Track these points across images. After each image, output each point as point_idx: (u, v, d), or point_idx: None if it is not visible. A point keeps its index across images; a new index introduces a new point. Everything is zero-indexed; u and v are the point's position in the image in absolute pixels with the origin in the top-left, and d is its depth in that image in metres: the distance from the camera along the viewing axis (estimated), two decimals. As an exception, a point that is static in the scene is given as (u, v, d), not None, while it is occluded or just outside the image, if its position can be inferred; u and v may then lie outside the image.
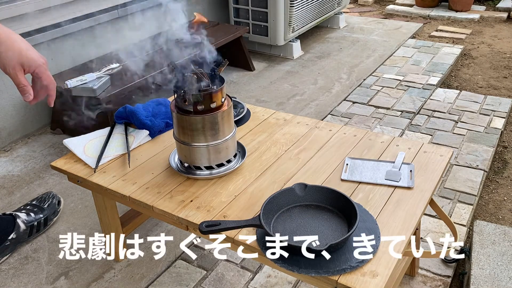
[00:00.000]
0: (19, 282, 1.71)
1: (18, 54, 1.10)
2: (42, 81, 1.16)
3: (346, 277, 1.03)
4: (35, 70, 1.13)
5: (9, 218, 1.84)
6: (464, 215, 1.97)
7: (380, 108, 2.91)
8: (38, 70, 1.14)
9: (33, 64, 1.12)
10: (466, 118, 2.75)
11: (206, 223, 1.15)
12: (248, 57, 3.50)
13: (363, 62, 3.61)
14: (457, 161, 2.34)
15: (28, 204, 1.97)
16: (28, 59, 1.11)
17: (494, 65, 3.63)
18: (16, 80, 1.11)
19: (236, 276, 1.69)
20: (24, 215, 1.87)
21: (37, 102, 1.19)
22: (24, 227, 1.84)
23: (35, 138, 2.68)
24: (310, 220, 1.19)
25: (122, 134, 1.63)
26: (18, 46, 1.10)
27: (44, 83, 1.16)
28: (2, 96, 2.52)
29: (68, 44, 2.77)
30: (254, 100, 3.06)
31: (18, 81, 1.11)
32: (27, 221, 1.86)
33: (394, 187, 1.32)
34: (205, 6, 3.70)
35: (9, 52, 1.09)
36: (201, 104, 1.30)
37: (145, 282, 1.69)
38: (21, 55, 1.10)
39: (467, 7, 4.87)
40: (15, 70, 1.10)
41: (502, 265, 1.58)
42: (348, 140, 1.57)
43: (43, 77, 1.15)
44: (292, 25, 3.58)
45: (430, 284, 1.65)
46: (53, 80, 1.18)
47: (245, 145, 1.53)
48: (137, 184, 1.40)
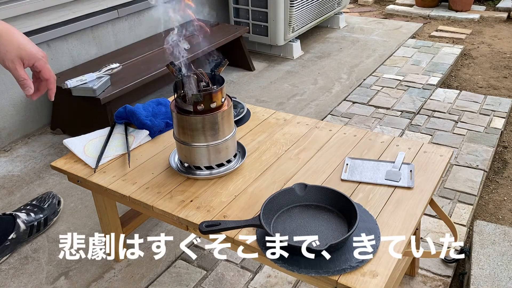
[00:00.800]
0: (19, 282, 1.71)
1: (17, 47, 1.09)
2: (42, 75, 1.16)
3: (346, 277, 1.03)
4: (34, 63, 1.13)
5: (9, 218, 1.84)
6: (464, 215, 1.97)
7: (380, 108, 2.90)
8: (37, 64, 1.13)
9: (33, 57, 1.12)
10: (466, 118, 2.75)
11: (206, 223, 1.15)
12: (248, 57, 3.50)
13: (363, 62, 3.61)
14: (457, 161, 2.34)
15: (28, 204, 1.97)
16: (27, 52, 1.11)
17: (494, 65, 3.63)
18: (15, 73, 1.11)
19: (236, 276, 1.69)
20: (24, 215, 1.87)
21: (39, 97, 1.19)
22: (24, 227, 1.84)
23: (35, 138, 2.68)
24: (310, 220, 1.19)
25: (122, 134, 1.63)
26: (17, 40, 1.10)
27: (45, 77, 1.16)
28: (2, 96, 2.52)
29: (68, 44, 2.78)
30: (254, 100, 3.06)
31: (17, 74, 1.11)
32: (27, 221, 1.86)
33: (394, 187, 1.32)
34: (205, 6, 3.70)
35: (8, 45, 1.08)
36: (201, 104, 1.30)
37: (145, 282, 1.69)
38: (20, 48, 1.10)
39: (467, 7, 4.87)
40: (14, 63, 1.10)
41: (502, 265, 1.58)
42: (348, 140, 1.57)
43: (43, 70, 1.15)
44: (292, 25, 3.58)
45: (430, 284, 1.65)
46: (53, 74, 1.18)
47: (245, 145, 1.53)
48: (137, 184, 1.40)
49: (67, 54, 2.78)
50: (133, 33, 3.16)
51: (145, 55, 2.88)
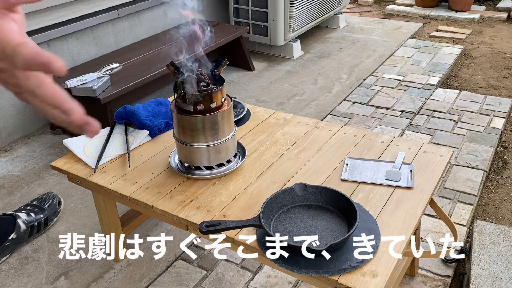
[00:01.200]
0: (19, 282, 1.71)
1: None
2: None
3: (346, 277, 1.03)
4: None
5: (10, 218, 1.84)
6: (464, 215, 1.97)
7: (380, 108, 2.90)
8: None
9: None
10: (466, 118, 2.75)
11: (206, 223, 1.15)
12: (248, 57, 3.50)
13: (363, 62, 3.61)
14: (457, 161, 2.34)
15: (28, 204, 1.97)
16: None
17: (494, 65, 3.63)
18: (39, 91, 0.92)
19: (236, 276, 1.69)
20: (25, 215, 1.87)
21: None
22: (24, 227, 1.84)
23: (35, 138, 2.68)
24: (310, 220, 1.19)
25: (122, 134, 1.63)
26: None
27: None
28: (2, 96, 2.52)
29: (68, 44, 2.78)
30: (254, 100, 3.06)
31: None
32: (27, 221, 1.86)
33: (394, 187, 1.32)
34: (205, 6, 3.70)
35: None
36: (201, 104, 1.30)
37: (145, 282, 1.69)
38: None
39: (467, 7, 4.87)
40: None
41: (502, 265, 1.58)
42: (348, 140, 1.57)
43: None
44: (292, 25, 3.58)
45: (430, 284, 1.65)
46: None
47: (245, 145, 1.53)
48: (137, 184, 1.40)
49: (67, 54, 2.78)
50: (133, 33, 3.16)
51: (145, 55, 2.88)
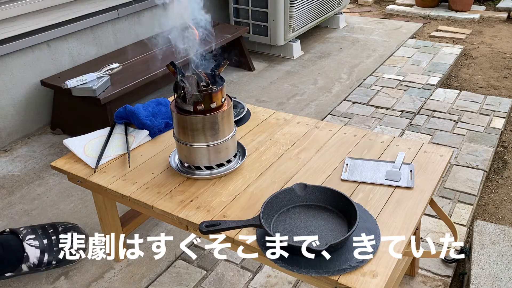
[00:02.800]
0: (19, 282, 1.71)
1: None
2: None
3: (346, 277, 1.03)
4: None
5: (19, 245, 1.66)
6: (464, 215, 1.97)
7: (380, 108, 2.90)
8: None
9: None
10: (466, 118, 2.75)
11: (206, 223, 1.15)
12: (248, 57, 3.50)
13: (363, 62, 3.61)
14: (457, 161, 2.34)
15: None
16: None
17: (494, 65, 3.63)
18: None
19: (236, 276, 1.69)
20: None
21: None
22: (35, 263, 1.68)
23: (35, 138, 2.68)
24: (310, 220, 1.19)
25: (122, 134, 1.63)
26: None
27: None
28: (2, 96, 2.52)
29: (68, 44, 2.78)
30: (254, 100, 3.06)
31: None
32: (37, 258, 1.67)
33: (394, 187, 1.32)
34: (205, 6, 3.70)
35: None
36: (201, 104, 1.30)
37: (145, 282, 1.69)
38: None
39: (467, 7, 4.87)
40: None
41: (502, 265, 1.58)
42: (348, 140, 1.57)
43: None
44: (292, 25, 3.58)
45: (430, 284, 1.65)
46: None
47: (245, 145, 1.53)
48: (137, 184, 1.40)
49: (67, 54, 2.78)
50: (133, 33, 3.16)
51: (145, 55, 2.88)
